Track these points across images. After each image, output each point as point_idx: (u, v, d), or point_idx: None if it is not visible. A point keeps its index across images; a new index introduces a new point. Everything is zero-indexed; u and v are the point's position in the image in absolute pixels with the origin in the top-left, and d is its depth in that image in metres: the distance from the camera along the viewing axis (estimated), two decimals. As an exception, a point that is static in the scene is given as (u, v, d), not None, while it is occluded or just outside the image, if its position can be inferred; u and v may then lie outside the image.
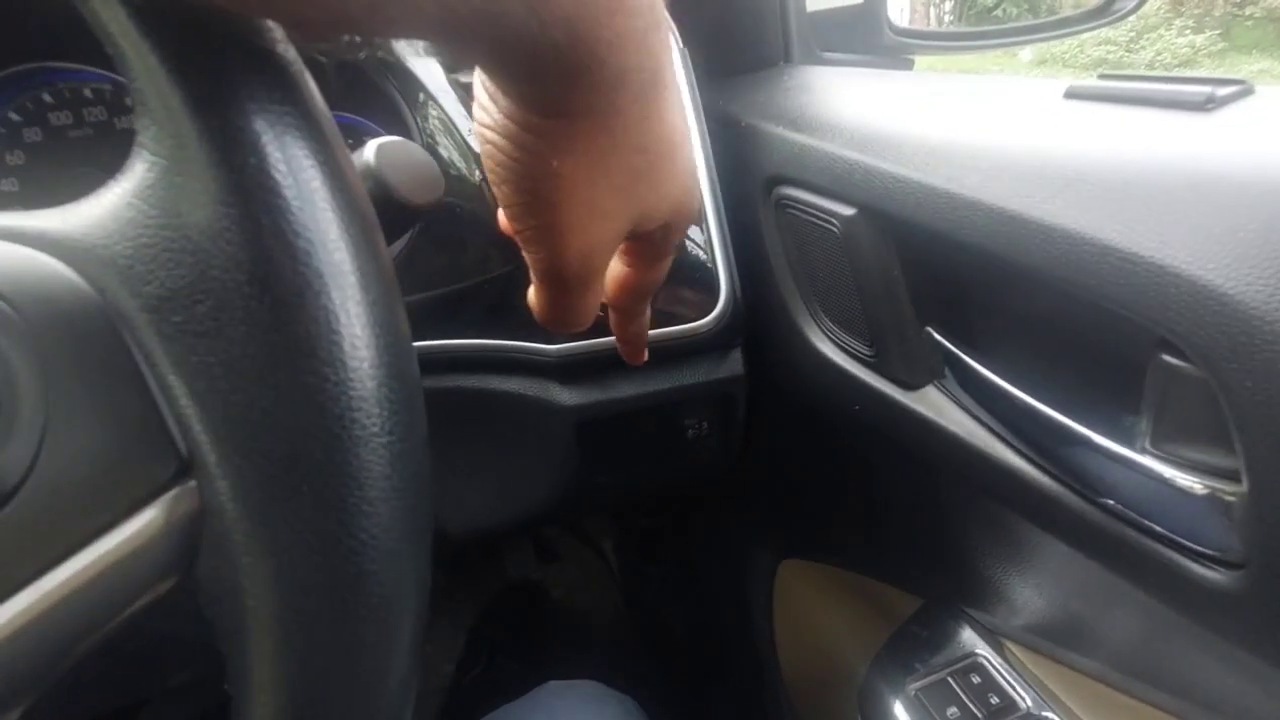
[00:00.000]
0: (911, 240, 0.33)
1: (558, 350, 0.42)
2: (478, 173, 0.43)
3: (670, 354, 0.44)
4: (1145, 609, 0.27)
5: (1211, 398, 0.21)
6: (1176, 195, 0.21)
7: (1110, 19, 0.59)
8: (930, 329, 0.34)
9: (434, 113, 0.44)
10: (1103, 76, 0.28)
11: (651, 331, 0.43)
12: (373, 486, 0.16)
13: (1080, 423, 0.26)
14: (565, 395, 0.44)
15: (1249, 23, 6.45)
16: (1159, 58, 6.26)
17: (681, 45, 0.45)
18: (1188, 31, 6.47)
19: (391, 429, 0.16)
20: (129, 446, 0.15)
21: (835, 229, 0.37)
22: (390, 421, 0.16)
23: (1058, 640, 0.36)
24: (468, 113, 0.42)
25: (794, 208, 0.41)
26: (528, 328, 0.42)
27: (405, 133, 0.44)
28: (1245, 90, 0.24)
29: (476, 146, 0.41)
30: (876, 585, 0.51)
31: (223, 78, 0.16)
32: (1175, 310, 0.21)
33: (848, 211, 0.35)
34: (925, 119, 0.33)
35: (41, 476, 0.15)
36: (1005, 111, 0.31)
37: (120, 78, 0.45)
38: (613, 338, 0.43)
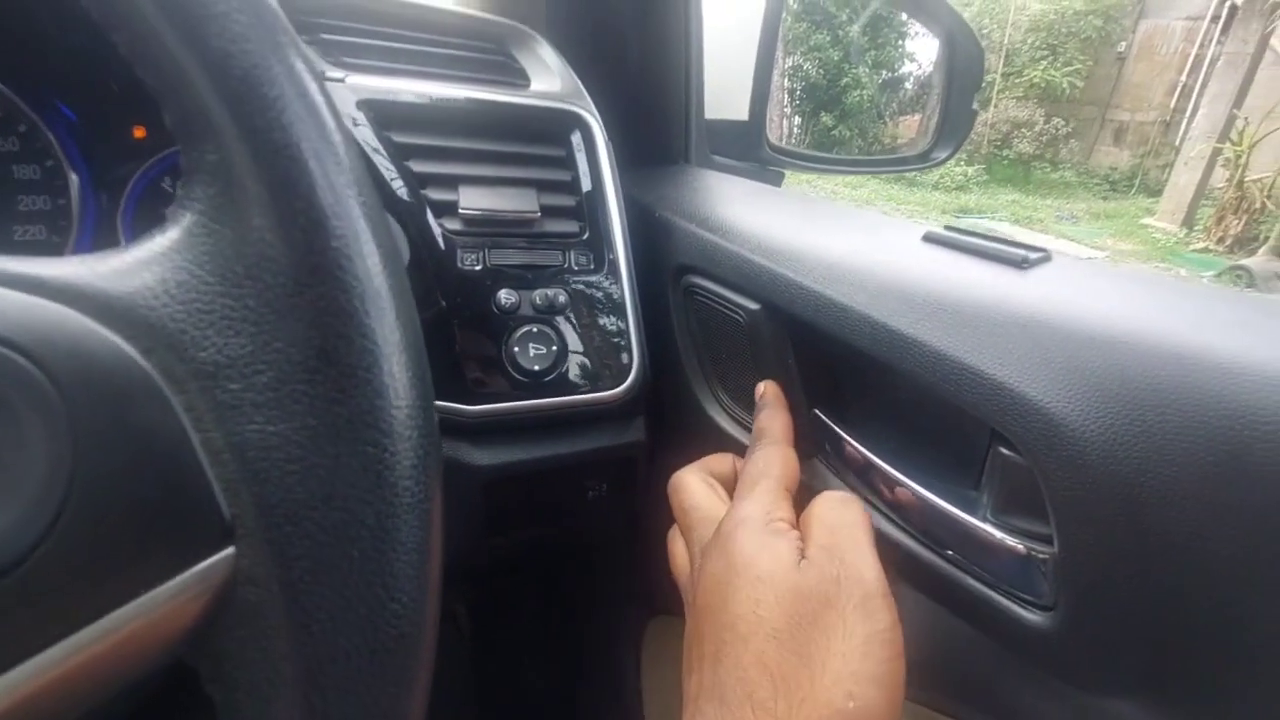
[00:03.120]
0: (806, 337, 0.39)
1: (476, 412, 0.43)
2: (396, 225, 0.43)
3: (580, 420, 0.47)
4: (980, 648, 0.34)
5: (1033, 481, 0.28)
6: (1007, 330, 0.29)
7: (931, 164, 0.74)
8: (817, 410, 0.40)
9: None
10: (949, 228, 0.37)
11: (564, 398, 0.45)
12: (415, 550, 0.17)
13: (936, 495, 0.33)
14: (477, 455, 0.44)
15: (1005, 161, 8.17)
16: (942, 180, 7.66)
17: (606, 137, 0.49)
18: (962, 163, 8.04)
19: (428, 494, 0.18)
20: (168, 512, 0.15)
21: (740, 319, 0.42)
22: (429, 487, 0.18)
23: (910, 681, 0.43)
24: (395, 168, 0.43)
25: (702, 295, 0.46)
26: (444, 386, 0.43)
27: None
28: (1046, 257, 0.33)
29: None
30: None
31: (299, 159, 0.17)
32: (1008, 415, 0.28)
33: (753, 306, 0.41)
34: (820, 237, 0.40)
35: (59, 543, 0.14)
36: (882, 243, 0.39)
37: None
38: (529, 402, 0.45)
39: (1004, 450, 0.29)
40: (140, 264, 0.16)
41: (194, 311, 0.16)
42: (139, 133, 0.46)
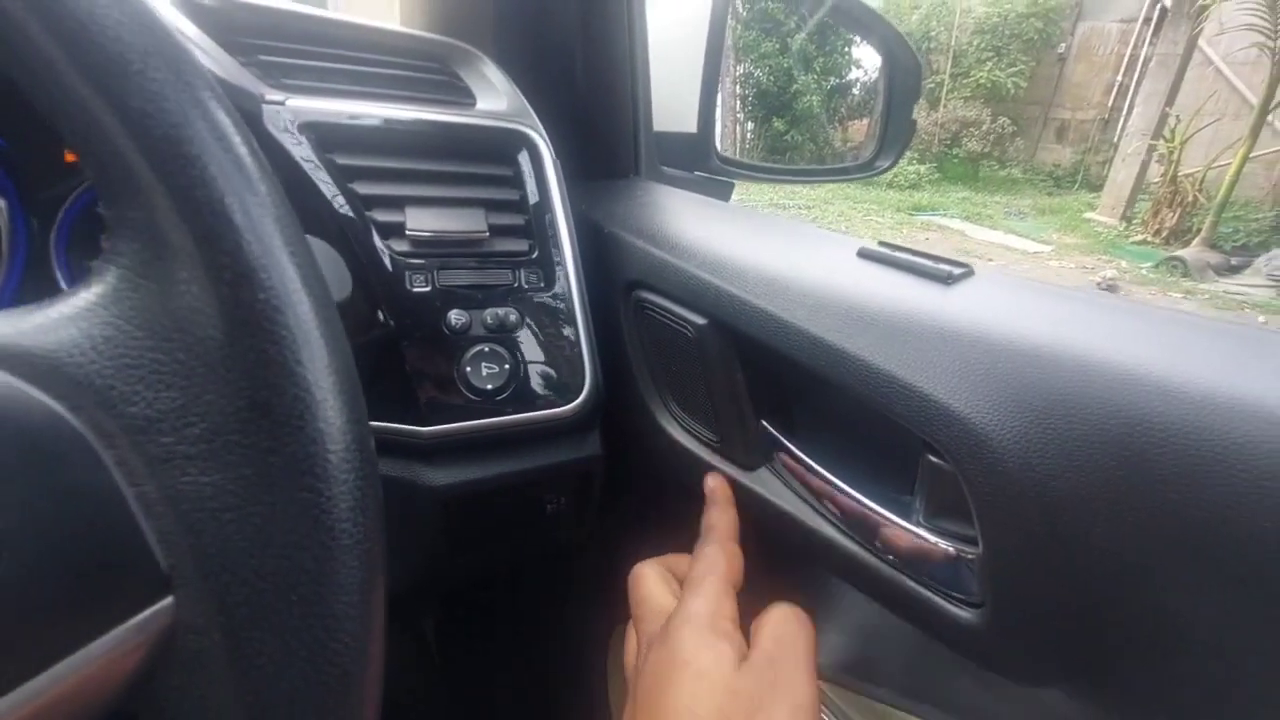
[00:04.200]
0: (751, 351, 0.41)
1: (432, 432, 0.43)
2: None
3: (536, 436, 0.47)
4: (917, 643, 0.36)
5: (959, 486, 0.29)
6: (932, 344, 0.31)
7: (874, 173, 0.77)
8: (764, 422, 0.42)
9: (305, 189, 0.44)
10: (882, 244, 0.39)
11: (519, 415, 0.46)
12: (355, 590, 0.17)
13: (874, 501, 0.35)
14: (434, 476, 0.44)
15: (955, 160, 8.45)
16: (896, 179, 7.86)
17: (554, 155, 0.50)
18: (914, 162, 8.28)
19: (367, 534, 0.18)
20: (103, 567, 0.15)
21: (689, 334, 0.43)
22: (368, 528, 0.18)
23: (855, 674, 0.45)
24: (339, 191, 0.43)
25: (652, 310, 0.47)
26: (397, 408, 0.43)
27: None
28: (969, 272, 0.35)
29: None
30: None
31: (223, 213, 0.17)
32: (934, 425, 0.30)
33: (700, 321, 0.42)
34: (762, 253, 0.41)
35: None
36: (819, 258, 0.40)
37: None
38: (484, 420, 0.45)
39: (932, 458, 0.31)
40: (65, 319, 0.16)
41: (122, 366, 0.16)
42: (70, 157, 0.44)
